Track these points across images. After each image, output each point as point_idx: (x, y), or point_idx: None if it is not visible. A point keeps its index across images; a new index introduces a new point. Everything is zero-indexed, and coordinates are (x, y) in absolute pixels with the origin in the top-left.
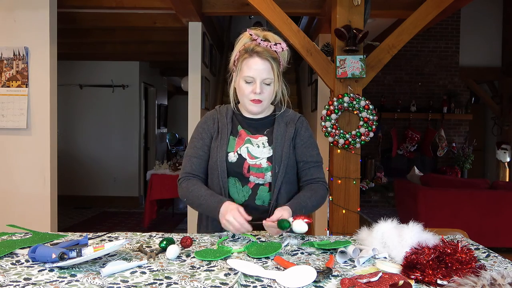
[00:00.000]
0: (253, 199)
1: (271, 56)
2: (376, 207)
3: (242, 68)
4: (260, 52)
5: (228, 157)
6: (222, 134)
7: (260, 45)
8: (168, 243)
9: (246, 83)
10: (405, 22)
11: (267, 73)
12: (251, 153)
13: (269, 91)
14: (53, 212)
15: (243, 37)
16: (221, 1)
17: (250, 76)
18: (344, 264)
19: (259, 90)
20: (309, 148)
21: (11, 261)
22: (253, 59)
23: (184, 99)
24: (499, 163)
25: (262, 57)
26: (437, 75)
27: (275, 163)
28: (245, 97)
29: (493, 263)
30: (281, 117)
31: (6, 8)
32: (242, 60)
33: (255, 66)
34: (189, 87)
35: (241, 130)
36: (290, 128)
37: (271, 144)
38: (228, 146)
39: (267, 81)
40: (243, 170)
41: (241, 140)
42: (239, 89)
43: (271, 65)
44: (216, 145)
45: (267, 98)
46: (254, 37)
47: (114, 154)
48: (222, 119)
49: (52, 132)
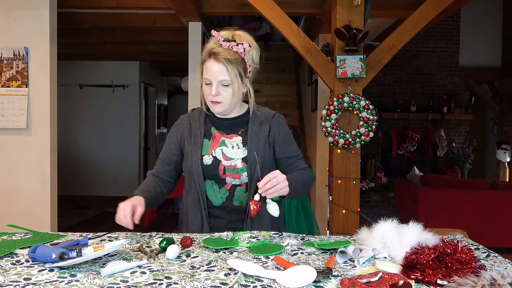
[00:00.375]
0: (230, 200)
1: (227, 58)
2: (376, 207)
3: (202, 71)
4: (217, 53)
5: (203, 160)
6: (195, 137)
7: (221, 46)
8: (168, 243)
9: (206, 85)
10: (405, 22)
11: (223, 75)
12: (225, 154)
13: (228, 92)
14: (53, 212)
15: (211, 39)
16: (221, 1)
17: (207, 78)
18: (344, 264)
19: (214, 92)
20: (289, 145)
21: (11, 261)
22: (209, 62)
23: (184, 99)
24: (499, 163)
25: (218, 59)
26: (437, 75)
27: (250, 163)
28: (206, 98)
29: (493, 263)
30: (255, 116)
31: (6, 8)
32: (202, 63)
33: (210, 68)
34: (189, 87)
35: (215, 131)
36: (264, 126)
37: (245, 145)
38: (203, 149)
39: (225, 82)
40: (219, 172)
41: (215, 142)
42: (202, 91)
43: (227, 67)
44: (190, 149)
45: (226, 99)
46: (217, 37)
47: (114, 154)
48: (195, 123)
49: (52, 132)
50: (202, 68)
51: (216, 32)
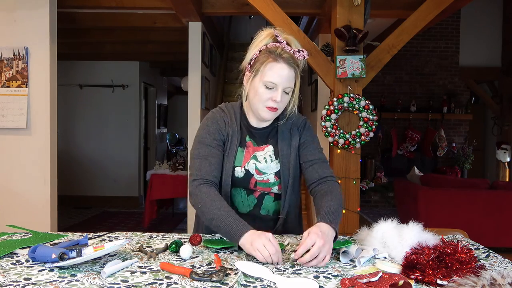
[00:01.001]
0: (258, 208)
1: (296, 64)
2: (376, 207)
3: (264, 72)
4: (286, 58)
5: (235, 171)
6: (231, 143)
7: (284, 50)
8: (177, 246)
9: (266, 88)
10: (405, 22)
11: (290, 82)
12: (258, 169)
13: (286, 101)
14: (53, 212)
15: (265, 36)
16: (221, 1)
17: (273, 82)
18: (344, 264)
19: (279, 99)
20: (310, 147)
21: (11, 261)
22: (279, 64)
23: (184, 99)
24: (499, 163)
25: (289, 63)
26: (437, 75)
27: (283, 177)
28: (261, 102)
29: (493, 263)
30: (284, 125)
31: (6, 8)
32: (266, 63)
33: (280, 72)
34: (189, 87)
35: (249, 141)
36: (294, 136)
37: (277, 157)
38: (237, 160)
39: (287, 90)
40: (250, 185)
41: (248, 153)
42: (255, 93)
43: (296, 74)
44: (225, 156)
45: (282, 107)
46: (280, 39)
47: (114, 154)
48: (233, 124)
49: (52, 132)
50: (262, 69)
51: (278, 32)
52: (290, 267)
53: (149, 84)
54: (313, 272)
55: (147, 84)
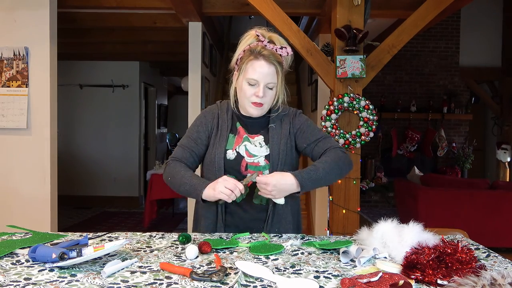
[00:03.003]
0: (250, 198)
1: (276, 60)
2: (376, 207)
3: (246, 69)
4: (267, 55)
5: (227, 154)
6: (221, 130)
7: (266, 48)
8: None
9: (249, 85)
10: (405, 22)
11: (271, 78)
12: (249, 151)
13: (271, 95)
14: (53, 212)
15: (249, 37)
16: (221, 1)
17: (254, 78)
18: (345, 264)
19: (262, 94)
20: (309, 130)
21: (11, 261)
22: (259, 62)
23: (184, 99)
24: (499, 163)
25: (268, 60)
26: (437, 75)
27: (273, 161)
28: (246, 99)
29: (493, 263)
30: (276, 116)
31: (6, 8)
32: (247, 61)
33: (260, 69)
34: (189, 87)
35: (239, 127)
36: (285, 124)
37: (267, 143)
38: (227, 143)
39: (270, 85)
40: (241, 167)
41: (239, 137)
42: (240, 90)
43: (276, 70)
44: (215, 142)
45: (268, 102)
46: (261, 38)
47: (114, 154)
48: (223, 115)
49: (52, 132)
50: (245, 67)
51: (259, 31)
52: (290, 267)
53: (149, 84)
54: (313, 272)
55: (147, 84)
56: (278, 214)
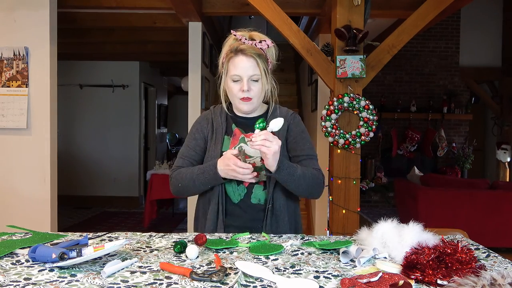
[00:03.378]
0: (248, 197)
1: (255, 52)
2: (376, 207)
3: (228, 68)
4: (245, 49)
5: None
6: (216, 133)
7: (244, 44)
8: (182, 246)
9: (234, 82)
10: (405, 22)
11: (253, 70)
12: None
13: (258, 88)
14: (53, 212)
15: (229, 39)
16: (221, 1)
17: (236, 74)
18: (344, 264)
19: (246, 87)
20: (300, 143)
21: (11, 261)
22: (238, 57)
23: (184, 99)
24: (499, 163)
25: (246, 54)
26: (437, 75)
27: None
28: (234, 96)
29: (493, 263)
30: (273, 116)
31: (6, 8)
32: (228, 60)
33: (240, 64)
34: (189, 87)
35: (235, 129)
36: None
37: None
38: (223, 146)
39: (255, 77)
40: None
41: (235, 139)
42: (228, 90)
43: (256, 62)
44: (211, 145)
45: (256, 95)
46: (239, 37)
47: (114, 154)
48: (217, 118)
49: (52, 132)
50: (226, 66)
51: (237, 32)
52: (290, 267)
53: (149, 84)
54: (313, 272)
55: (147, 84)
56: (275, 215)
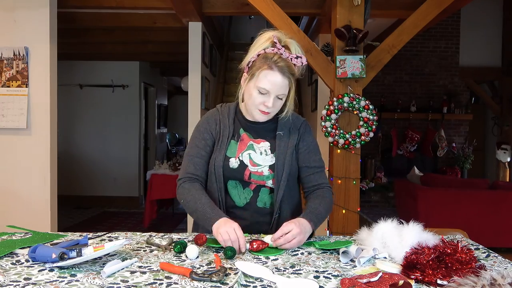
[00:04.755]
0: (254, 201)
1: (291, 72)
2: (376, 207)
3: (259, 78)
4: (281, 66)
5: (230, 162)
6: (223, 137)
7: (282, 57)
8: (182, 246)
9: (260, 93)
10: (405, 22)
11: (283, 89)
12: (253, 160)
13: (279, 105)
14: (53, 212)
15: (265, 40)
16: (221, 1)
17: (266, 88)
18: (344, 264)
19: (271, 105)
20: (312, 153)
21: (11, 261)
22: (273, 73)
23: (184, 99)
24: (499, 163)
25: (282, 72)
26: (437, 75)
27: (277, 171)
28: (254, 105)
29: (493, 263)
30: (284, 123)
31: (6, 8)
32: (261, 70)
33: (273, 80)
34: (189, 87)
35: (243, 134)
36: (293, 134)
37: (273, 151)
38: (229, 151)
39: (281, 96)
40: (244, 176)
41: (243, 144)
42: (249, 95)
43: (289, 82)
44: (216, 149)
45: (275, 112)
46: (278, 46)
47: (114, 154)
48: (224, 120)
49: (52, 132)
50: (257, 74)
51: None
52: (290, 267)
53: (149, 84)
54: (313, 272)
55: (147, 84)
56: (283, 218)
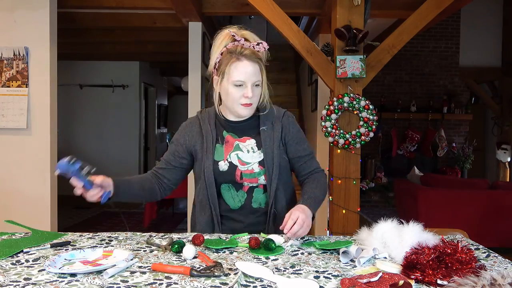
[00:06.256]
0: (249, 202)
1: (258, 58)
2: (376, 207)
3: (229, 72)
4: (248, 54)
5: (219, 166)
6: (207, 142)
7: (245, 47)
8: (180, 246)
9: (236, 87)
10: (405, 22)
11: (257, 76)
12: (241, 159)
13: (258, 93)
14: (53, 212)
15: (223, 38)
16: (221, 1)
17: (240, 80)
18: (344, 264)
19: (251, 94)
20: (300, 143)
21: (11, 261)
22: (242, 63)
23: (184, 99)
24: (499, 163)
25: (251, 60)
26: (437, 75)
27: (268, 166)
28: (234, 101)
29: (493, 263)
30: (265, 117)
31: (6, 8)
32: (230, 64)
33: (245, 69)
34: (189, 87)
35: (227, 135)
36: (276, 126)
37: (260, 148)
38: (216, 155)
39: (257, 82)
40: (236, 177)
41: (229, 146)
42: (226, 94)
43: (260, 67)
44: (202, 155)
45: (256, 101)
46: (237, 38)
47: (114, 154)
48: (205, 125)
49: (52, 132)
50: (227, 70)
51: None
52: (290, 267)
53: (149, 84)
54: (313, 272)
55: (147, 84)
56: (279, 217)
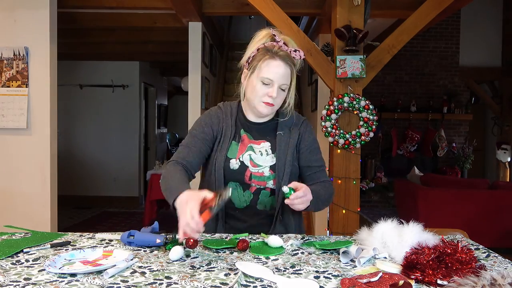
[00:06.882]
0: (254, 204)
1: (292, 62)
2: (376, 207)
3: (261, 68)
4: (283, 56)
5: (230, 163)
6: (225, 137)
7: (282, 49)
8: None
9: (263, 84)
10: (405, 22)
11: (286, 79)
12: (253, 161)
13: (282, 97)
14: (53, 212)
15: (264, 35)
16: (221, 1)
17: (269, 78)
18: (344, 264)
19: (275, 94)
20: (313, 153)
21: (11, 261)
22: (276, 62)
23: (184, 99)
24: (499, 163)
25: (284, 61)
26: (437, 75)
27: (279, 172)
28: (258, 97)
29: (493, 263)
30: (284, 122)
31: (6, 8)
32: (263, 60)
33: (276, 69)
34: (189, 87)
35: (243, 134)
36: (294, 133)
37: (274, 151)
38: (230, 152)
39: (283, 86)
40: (245, 177)
41: (243, 146)
42: (252, 88)
43: (291, 71)
44: (217, 149)
45: (278, 104)
46: (277, 39)
47: (114, 154)
48: (227, 120)
49: (52, 132)
50: (259, 66)
51: (275, 32)
52: (290, 267)
53: (149, 84)
54: (313, 272)
55: (147, 84)
56: (284, 223)
